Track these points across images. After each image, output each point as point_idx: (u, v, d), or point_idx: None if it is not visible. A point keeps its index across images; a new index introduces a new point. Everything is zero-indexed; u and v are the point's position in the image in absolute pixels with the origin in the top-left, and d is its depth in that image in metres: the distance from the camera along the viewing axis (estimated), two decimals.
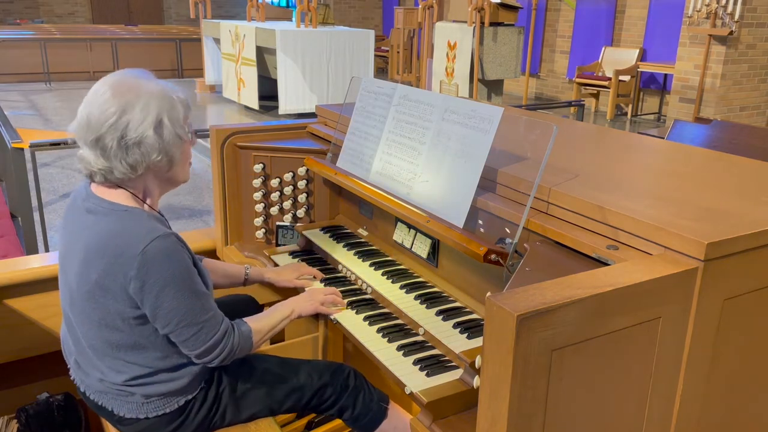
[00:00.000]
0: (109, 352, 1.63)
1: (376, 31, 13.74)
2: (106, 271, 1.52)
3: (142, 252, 1.50)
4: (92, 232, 1.56)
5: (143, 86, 1.55)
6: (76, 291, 1.60)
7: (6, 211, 4.13)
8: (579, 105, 7.56)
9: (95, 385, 1.70)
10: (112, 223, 1.55)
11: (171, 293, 1.53)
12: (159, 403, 1.67)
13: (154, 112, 1.53)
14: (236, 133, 2.39)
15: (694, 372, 1.31)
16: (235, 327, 1.68)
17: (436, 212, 1.79)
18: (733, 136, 3.59)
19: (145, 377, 1.64)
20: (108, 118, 1.50)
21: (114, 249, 1.51)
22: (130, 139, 1.52)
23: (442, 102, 1.87)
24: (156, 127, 1.54)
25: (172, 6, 18.27)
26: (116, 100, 1.51)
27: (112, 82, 1.55)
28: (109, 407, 1.70)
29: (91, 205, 1.59)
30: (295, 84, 8.65)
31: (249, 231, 2.48)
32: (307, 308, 1.87)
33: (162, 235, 1.53)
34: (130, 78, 1.57)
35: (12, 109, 9.17)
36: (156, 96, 1.55)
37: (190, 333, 1.58)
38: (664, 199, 1.49)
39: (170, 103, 1.57)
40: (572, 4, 11.00)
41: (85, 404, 2.26)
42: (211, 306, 1.63)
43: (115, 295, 1.54)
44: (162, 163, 1.58)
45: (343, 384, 1.87)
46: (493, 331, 1.07)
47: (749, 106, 8.33)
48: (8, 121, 4.56)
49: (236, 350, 1.67)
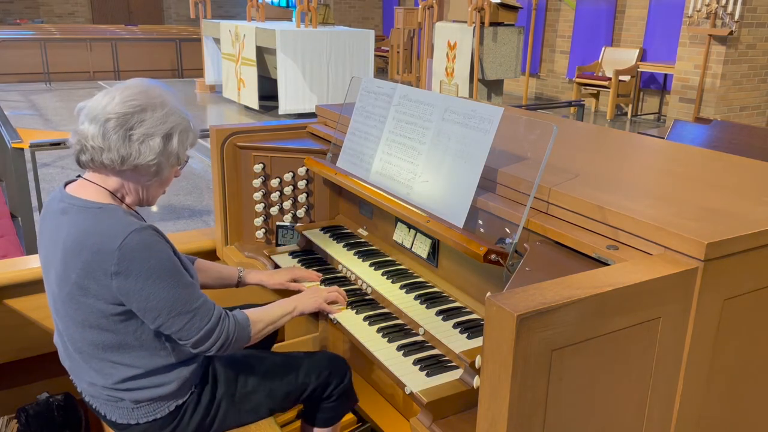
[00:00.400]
0: (95, 354, 1.62)
1: (376, 31, 13.74)
2: (85, 269, 1.52)
3: (119, 247, 1.49)
4: (68, 232, 1.55)
5: (171, 101, 1.63)
6: (58, 295, 1.60)
7: (6, 211, 4.13)
8: (579, 105, 7.57)
9: (87, 389, 1.70)
10: (88, 220, 1.55)
11: (157, 284, 1.52)
12: (149, 409, 1.67)
13: (171, 125, 1.60)
14: (236, 133, 2.39)
15: (694, 372, 1.31)
16: (229, 314, 1.67)
17: (436, 212, 1.79)
18: (733, 136, 3.59)
19: (132, 380, 1.63)
20: (128, 108, 1.55)
21: (91, 246, 1.51)
22: (135, 134, 1.55)
23: (442, 102, 1.87)
24: (165, 137, 1.59)
25: (172, 6, 18.28)
26: (143, 97, 1.58)
27: (149, 85, 1.64)
28: (102, 412, 1.71)
29: (66, 206, 1.59)
30: (295, 84, 8.65)
31: (249, 231, 2.48)
32: (309, 305, 1.87)
33: (138, 228, 1.53)
34: (164, 91, 1.65)
35: (12, 109, 9.17)
36: (178, 114, 1.63)
37: (183, 322, 1.57)
38: (664, 199, 1.49)
39: (186, 126, 1.65)
40: (572, 4, 11.00)
41: (85, 404, 2.27)
42: (200, 294, 1.62)
43: (96, 293, 1.53)
44: (151, 169, 1.60)
45: (340, 381, 1.91)
46: (493, 331, 1.07)
47: (749, 106, 8.33)
48: (8, 121, 4.55)
49: (233, 338, 1.65)
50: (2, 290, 2.15)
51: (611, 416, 1.24)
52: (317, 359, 1.92)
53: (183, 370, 1.68)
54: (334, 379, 1.90)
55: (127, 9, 18.10)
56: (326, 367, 1.90)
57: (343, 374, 1.92)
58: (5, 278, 2.14)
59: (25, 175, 3.99)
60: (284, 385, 1.83)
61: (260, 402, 1.80)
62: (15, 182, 4.02)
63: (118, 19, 17.54)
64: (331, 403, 1.92)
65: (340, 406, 1.95)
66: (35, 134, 7.01)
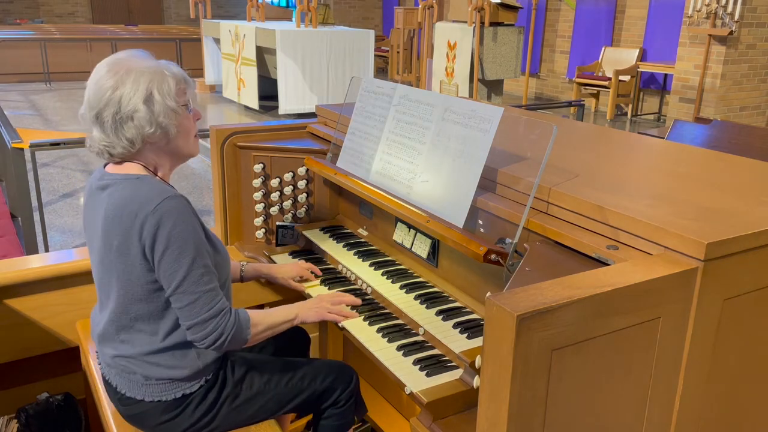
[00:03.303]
0: (127, 323, 1.68)
1: (376, 31, 13.74)
2: (125, 235, 1.58)
3: (153, 210, 1.56)
4: (108, 203, 1.62)
5: (136, 63, 1.63)
6: (100, 265, 1.67)
7: (6, 211, 4.13)
8: (579, 105, 7.56)
9: (108, 360, 1.74)
10: (126, 190, 1.61)
11: (174, 253, 1.57)
12: (157, 389, 1.69)
13: (144, 86, 1.60)
14: (236, 133, 2.39)
15: (694, 372, 1.31)
16: (232, 311, 1.67)
17: (436, 212, 1.79)
18: (733, 136, 3.59)
19: (152, 354, 1.67)
20: (104, 94, 1.58)
21: (130, 212, 1.57)
22: (124, 113, 1.59)
23: (442, 102, 1.87)
24: (146, 100, 1.59)
25: (172, 6, 18.27)
26: (110, 76, 1.60)
27: (109, 60, 1.65)
28: (113, 383, 1.74)
29: (105, 182, 1.66)
30: (295, 84, 8.65)
31: (249, 231, 2.48)
32: (311, 315, 1.85)
33: (173, 195, 1.60)
34: (125, 56, 1.66)
35: (12, 109, 9.17)
36: (147, 71, 1.61)
37: (186, 301, 1.59)
38: (665, 199, 1.49)
39: (161, 77, 1.63)
40: (572, 4, 11.00)
41: (85, 404, 2.27)
42: (211, 281, 1.63)
43: (134, 259, 1.59)
44: (157, 136, 1.63)
45: (346, 386, 1.89)
46: (493, 331, 1.07)
47: (749, 106, 8.33)
48: (8, 121, 4.55)
49: (228, 335, 1.64)
50: (2, 290, 2.15)
51: (611, 416, 1.24)
52: (323, 365, 1.91)
53: (198, 360, 1.70)
54: (339, 384, 1.88)
55: (127, 9, 18.10)
56: (331, 373, 1.88)
57: (349, 380, 1.90)
58: (5, 278, 2.14)
59: (25, 175, 3.99)
60: (289, 390, 1.82)
61: (263, 406, 1.79)
62: (15, 182, 4.02)
63: (118, 19, 17.54)
64: (338, 410, 1.90)
65: (348, 413, 1.92)
66: (35, 134, 7.01)
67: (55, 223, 5.16)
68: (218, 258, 1.71)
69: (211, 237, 1.71)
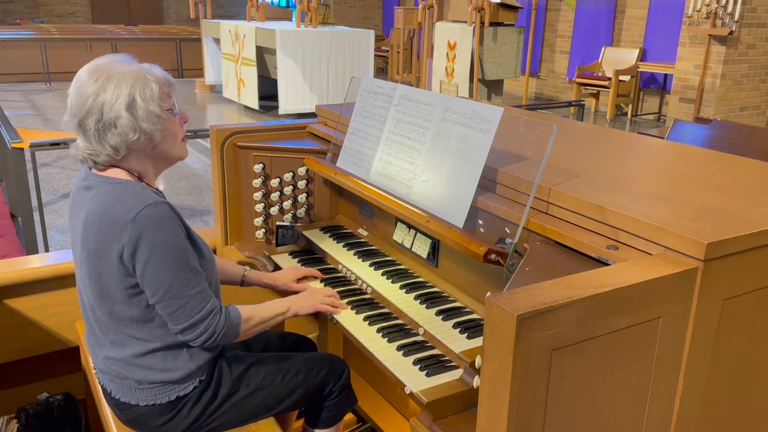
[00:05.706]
0: (112, 325, 1.66)
1: (376, 31, 13.74)
2: (103, 240, 1.56)
3: (133, 219, 1.53)
4: (89, 204, 1.60)
5: (117, 68, 1.59)
6: (81, 265, 1.66)
7: (6, 211, 4.13)
8: (579, 105, 7.56)
9: (100, 365, 1.73)
10: (108, 194, 1.59)
11: (159, 261, 1.55)
12: (150, 392, 1.68)
13: (126, 91, 1.56)
14: (236, 133, 2.39)
15: (694, 372, 1.31)
16: (222, 309, 1.68)
17: (436, 212, 1.79)
18: (733, 136, 3.59)
19: (143, 356, 1.66)
20: (86, 101, 1.55)
21: (109, 218, 1.55)
22: (106, 121, 1.56)
23: (442, 102, 1.87)
24: (129, 106, 1.56)
25: (171, 6, 18.27)
26: (92, 83, 1.56)
27: (90, 67, 1.61)
28: (108, 389, 1.73)
29: (90, 182, 1.64)
30: (295, 84, 8.65)
31: (249, 231, 2.48)
32: (304, 307, 1.87)
33: (154, 202, 1.57)
34: (106, 62, 1.62)
35: (12, 109, 9.17)
36: (128, 76, 1.58)
37: (175, 306, 1.59)
38: (664, 199, 1.49)
39: (143, 81, 1.59)
40: (572, 4, 11.00)
41: (85, 404, 2.27)
42: (199, 282, 1.63)
43: (111, 264, 1.57)
44: (141, 142, 1.60)
45: (338, 378, 1.92)
46: (493, 331, 1.07)
47: (749, 106, 8.33)
48: (8, 121, 4.55)
49: (220, 333, 1.65)
50: (2, 290, 2.15)
51: (611, 416, 1.24)
52: (314, 358, 1.92)
53: (190, 362, 1.69)
54: (332, 377, 1.90)
55: (127, 9, 18.10)
56: (325, 366, 1.90)
57: (341, 372, 1.92)
58: (5, 278, 2.14)
59: (25, 175, 3.99)
60: (285, 385, 1.83)
61: (261, 402, 1.80)
62: (15, 182, 4.02)
63: (118, 19, 17.54)
64: (330, 402, 1.92)
65: (341, 404, 1.95)
66: (35, 134, 7.00)
67: (55, 223, 5.16)
68: (203, 261, 1.69)
69: (195, 240, 1.69)
